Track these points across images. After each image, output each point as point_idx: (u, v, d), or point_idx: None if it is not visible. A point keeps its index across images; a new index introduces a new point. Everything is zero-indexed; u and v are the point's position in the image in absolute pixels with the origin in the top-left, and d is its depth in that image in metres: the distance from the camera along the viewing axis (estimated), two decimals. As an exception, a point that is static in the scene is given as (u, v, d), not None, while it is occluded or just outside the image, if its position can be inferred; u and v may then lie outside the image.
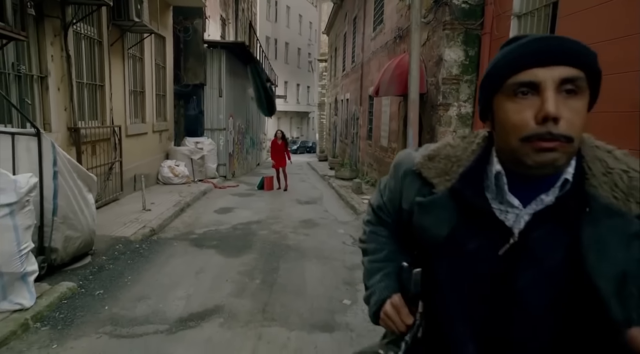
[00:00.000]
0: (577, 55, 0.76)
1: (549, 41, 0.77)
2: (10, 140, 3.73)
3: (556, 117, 0.73)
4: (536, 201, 0.81)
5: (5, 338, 2.85)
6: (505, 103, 0.79)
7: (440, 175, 0.90)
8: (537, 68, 0.75)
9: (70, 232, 4.12)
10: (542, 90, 0.75)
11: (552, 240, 0.80)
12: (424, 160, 0.94)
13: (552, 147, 0.74)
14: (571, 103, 0.75)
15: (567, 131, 0.74)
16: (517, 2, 5.43)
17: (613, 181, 0.80)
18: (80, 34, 6.59)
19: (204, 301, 3.75)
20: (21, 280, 3.26)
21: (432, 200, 0.90)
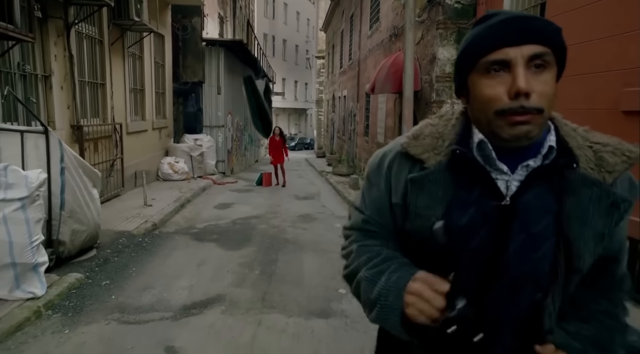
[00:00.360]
0: (543, 33, 0.80)
1: (516, 22, 0.81)
2: (20, 137, 3.90)
3: (527, 92, 0.78)
4: (523, 167, 0.86)
5: (20, 324, 3.04)
6: (479, 80, 0.83)
7: (429, 151, 0.92)
8: (508, 48, 0.79)
9: (77, 226, 4.30)
10: (512, 67, 0.79)
11: (539, 203, 0.85)
12: (409, 140, 0.95)
13: (525, 120, 0.79)
14: (540, 77, 0.80)
15: (539, 103, 0.79)
16: (508, 2, 5.60)
17: (585, 155, 0.87)
18: (82, 34, 6.74)
19: (206, 290, 3.93)
20: (33, 270, 3.43)
21: (425, 175, 0.90)
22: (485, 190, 0.86)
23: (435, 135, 0.93)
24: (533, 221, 0.84)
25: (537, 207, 0.85)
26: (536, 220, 0.84)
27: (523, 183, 0.85)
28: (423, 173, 0.90)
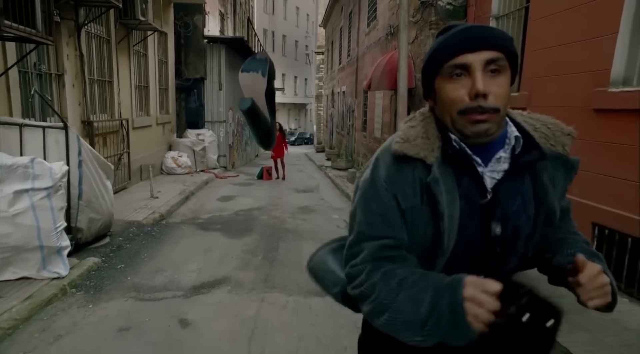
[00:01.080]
0: (497, 41, 0.91)
1: (472, 31, 0.92)
2: (42, 132, 4.24)
3: (485, 93, 0.88)
4: (496, 160, 0.96)
5: (49, 299, 3.39)
6: (444, 83, 0.93)
7: (425, 150, 0.96)
8: (467, 53, 0.89)
9: (93, 214, 4.65)
10: (471, 71, 0.89)
11: (512, 190, 0.97)
12: (400, 144, 0.97)
13: (483, 118, 0.89)
14: (496, 80, 0.90)
15: (495, 103, 0.89)
16: (496, 4, 5.92)
17: (543, 134, 1.00)
18: (91, 34, 7.05)
19: (213, 273, 4.29)
20: (57, 253, 3.79)
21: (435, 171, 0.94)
22: (470, 182, 0.95)
23: (422, 136, 0.98)
24: (509, 205, 0.96)
25: (512, 192, 0.97)
26: (510, 202, 0.96)
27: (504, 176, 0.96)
28: (433, 171, 0.93)
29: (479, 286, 0.81)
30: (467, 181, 0.95)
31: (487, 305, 0.79)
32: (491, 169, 0.96)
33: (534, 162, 0.96)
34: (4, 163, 3.48)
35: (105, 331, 3.07)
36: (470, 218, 0.94)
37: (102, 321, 3.23)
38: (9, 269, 3.56)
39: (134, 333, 3.07)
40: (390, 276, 0.91)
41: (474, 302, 0.80)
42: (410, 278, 0.90)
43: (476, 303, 0.79)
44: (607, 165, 3.82)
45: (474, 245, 0.95)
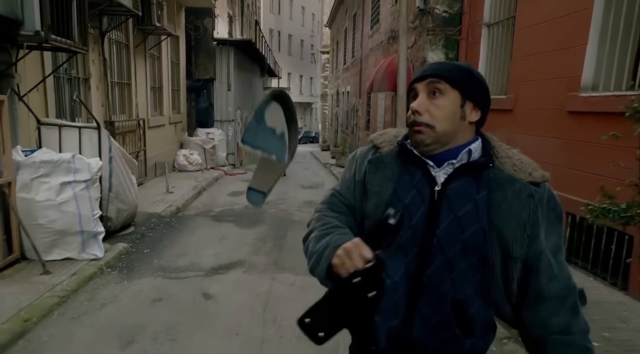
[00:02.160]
0: (439, 71, 1.08)
1: (428, 66, 1.13)
2: (78, 132, 4.79)
3: (416, 111, 1.07)
4: (448, 164, 1.09)
5: (90, 276, 3.94)
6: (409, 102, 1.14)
7: (386, 142, 1.18)
8: (417, 83, 1.11)
9: (121, 205, 5.19)
10: (418, 95, 1.10)
11: (463, 191, 1.06)
12: (376, 135, 1.23)
13: (417, 130, 1.07)
14: (434, 102, 1.06)
15: (428, 120, 1.05)
16: (487, 13, 6.40)
17: (512, 163, 1.09)
18: (112, 40, 7.60)
19: (229, 257, 4.82)
20: (94, 237, 4.34)
21: (379, 157, 1.15)
22: (423, 176, 1.09)
23: (394, 134, 1.21)
24: (458, 205, 1.05)
25: (461, 194, 1.06)
26: (460, 204, 1.05)
27: (451, 175, 1.07)
28: (377, 156, 1.16)
29: (358, 247, 0.98)
30: (419, 175, 1.10)
31: (352, 260, 0.97)
32: (444, 172, 1.09)
33: (478, 166, 1.07)
34: (51, 159, 4.03)
35: (141, 302, 3.61)
36: (418, 207, 1.07)
37: (137, 294, 3.77)
38: (55, 250, 4.11)
39: (165, 303, 3.61)
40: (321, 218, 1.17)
41: (346, 252, 0.98)
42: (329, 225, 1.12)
43: (347, 254, 0.98)
44: (578, 161, 4.30)
45: (417, 232, 1.06)
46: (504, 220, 1.03)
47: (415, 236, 1.06)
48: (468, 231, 1.04)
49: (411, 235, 1.06)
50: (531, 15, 5.19)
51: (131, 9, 6.82)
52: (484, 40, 6.49)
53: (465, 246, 1.04)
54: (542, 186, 1.07)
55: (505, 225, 1.03)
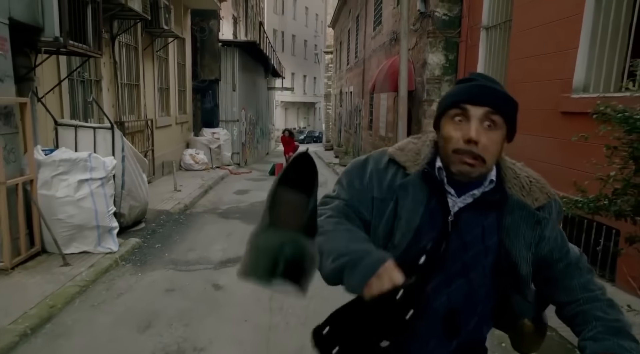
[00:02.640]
0: (499, 101, 1.03)
1: (482, 88, 1.04)
2: (92, 132, 5.02)
3: (476, 141, 0.99)
4: (467, 194, 1.08)
5: (106, 268, 4.17)
6: (447, 123, 1.06)
7: (410, 161, 1.13)
8: (470, 105, 1.02)
9: (132, 202, 5.42)
10: (470, 120, 1.01)
11: (473, 221, 1.08)
12: (395, 150, 1.16)
13: (470, 162, 1.01)
14: (489, 135, 1.01)
15: (482, 153, 1.00)
16: (486, 16, 6.60)
17: (520, 184, 1.09)
18: (122, 43, 7.84)
19: (236, 251, 5.05)
20: (109, 232, 4.57)
21: (409, 180, 1.11)
22: (438, 203, 1.09)
23: (415, 151, 1.15)
24: (466, 232, 1.08)
25: (471, 222, 1.08)
26: (469, 230, 1.08)
27: (466, 206, 1.09)
28: (407, 179, 1.11)
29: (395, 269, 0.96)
30: (435, 201, 1.09)
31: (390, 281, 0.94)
32: (462, 200, 1.09)
33: (494, 201, 1.08)
34: (69, 157, 4.27)
35: (155, 291, 3.85)
36: (427, 233, 1.08)
37: (151, 284, 4.00)
38: (73, 244, 4.34)
39: (178, 293, 3.84)
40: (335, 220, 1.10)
41: (386, 272, 0.95)
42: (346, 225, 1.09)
43: (386, 274, 0.94)
44: (571, 160, 4.49)
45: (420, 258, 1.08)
46: (512, 241, 1.08)
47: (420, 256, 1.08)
48: (471, 252, 1.08)
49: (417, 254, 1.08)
50: (526, 19, 5.39)
51: (141, 13, 7.06)
52: (482, 43, 6.68)
53: (465, 264, 1.08)
54: (549, 205, 1.11)
55: (514, 247, 1.08)
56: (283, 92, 30.83)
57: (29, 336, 2.91)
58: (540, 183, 1.12)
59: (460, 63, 7.36)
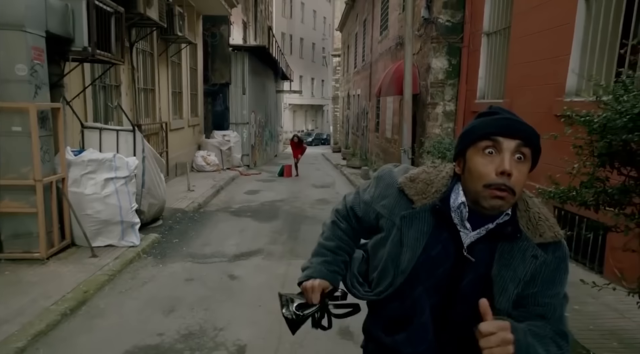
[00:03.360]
0: (528, 134, 1.04)
1: (512, 121, 1.05)
2: (115, 134, 5.39)
3: (510, 173, 1.00)
4: (483, 228, 1.09)
5: (130, 260, 4.52)
6: (476, 156, 1.05)
7: (419, 194, 1.14)
8: (502, 137, 1.02)
9: (152, 200, 5.78)
10: (502, 152, 1.02)
11: (486, 253, 1.09)
12: (406, 180, 1.17)
13: (502, 196, 1.01)
14: (519, 167, 1.02)
15: (514, 185, 1.01)
16: (487, 23, 6.89)
17: (528, 217, 1.10)
18: (139, 49, 8.23)
19: (249, 246, 5.38)
20: (131, 227, 4.92)
21: (414, 213, 1.13)
22: (450, 236, 1.11)
23: (427, 182, 1.15)
24: (480, 265, 1.09)
25: (484, 256, 1.09)
26: (482, 264, 1.09)
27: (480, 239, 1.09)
28: (412, 212, 1.13)
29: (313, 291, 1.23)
30: (446, 235, 1.11)
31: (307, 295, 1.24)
32: (476, 233, 1.10)
33: (506, 235, 1.08)
34: (97, 158, 4.63)
35: (176, 280, 4.19)
36: (442, 262, 1.11)
37: (172, 274, 4.34)
38: (100, 238, 4.70)
39: (197, 282, 4.17)
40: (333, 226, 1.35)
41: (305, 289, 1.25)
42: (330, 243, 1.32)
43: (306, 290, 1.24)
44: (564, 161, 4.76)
45: (439, 287, 1.12)
46: (501, 270, 1.08)
47: (439, 285, 1.12)
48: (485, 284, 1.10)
49: (435, 283, 1.12)
50: (524, 27, 5.68)
51: (158, 21, 7.44)
52: (483, 48, 6.97)
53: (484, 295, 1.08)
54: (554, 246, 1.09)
55: (501, 275, 1.07)
56: (291, 94, 31.24)
57: (68, 315, 3.27)
58: (550, 221, 1.11)
59: (463, 68, 7.65)
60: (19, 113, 3.92)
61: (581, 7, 4.57)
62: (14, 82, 3.83)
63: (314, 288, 1.22)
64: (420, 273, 1.13)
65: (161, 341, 3.02)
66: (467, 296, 1.10)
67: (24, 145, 3.97)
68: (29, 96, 3.91)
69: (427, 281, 1.13)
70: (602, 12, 4.37)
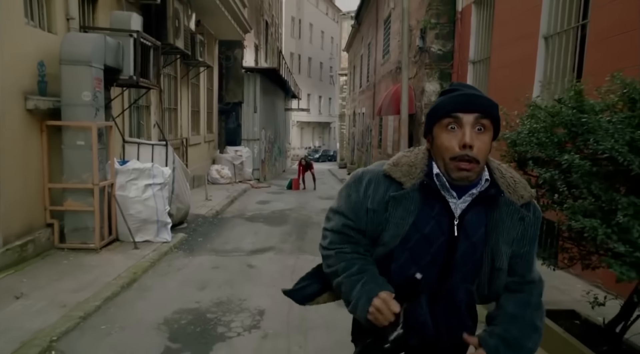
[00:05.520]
0: (484, 106, 1.15)
1: (470, 96, 1.16)
2: (151, 148, 6.35)
3: (471, 145, 1.12)
4: (467, 194, 1.21)
5: (165, 253, 5.42)
6: (441, 133, 1.18)
7: (406, 176, 1.24)
8: (461, 112, 1.14)
9: (179, 205, 6.70)
10: (463, 126, 1.13)
11: (477, 220, 1.22)
12: (390, 166, 1.27)
13: (467, 167, 1.13)
14: (480, 137, 1.14)
15: (477, 155, 1.13)
16: (472, 52, 7.84)
17: (507, 183, 1.23)
18: (165, 73, 9.27)
19: (263, 244, 6.26)
20: (164, 226, 5.84)
21: (403, 194, 1.22)
22: (442, 209, 1.21)
23: (409, 164, 1.26)
24: (473, 232, 1.21)
25: (475, 222, 1.21)
26: (475, 231, 1.21)
27: (468, 206, 1.21)
28: (402, 193, 1.22)
29: (387, 302, 1.17)
30: (439, 208, 1.21)
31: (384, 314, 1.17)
32: (463, 201, 1.20)
33: (491, 196, 1.19)
34: (138, 167, 5.58)
35: (204, 268, 5.07)
36: (437, 237, 1.20)
37: (200, 264, 5.23)
38: (139, 234, 5.61)
39: (221, 269, 5.05)
40: (341, 258, 1.29)
41: (377, 309, 1.18)
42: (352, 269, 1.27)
43: (378, 311, 1.18)
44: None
45: (437, 257, 1.21)
46: (498, 236, 1.19)
47: (434, 261, 1.22)
48: (479, 252, 1.22)
49: (430, 260, 1.22)
50: (500, 57, 6.61)
51: (184, 49, 8.49)
52: (470, 75, 7.91)
53: (475, 263, 1.23)
54: (530, 204, 1.24)
55: (498, 241, 1.19)
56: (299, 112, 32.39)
57: (125, 288, 4.16)
58: (523, 182, 1.25)
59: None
60: (83, 131, 4.88)
61: (541, 45, 5.49)
62: (80, 105, 4.81)
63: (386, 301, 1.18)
64: (415, 253, 1.23)
65: (199, 306, 3.89)
66: (460, 267, 1.22)
67: (85, 156, 4.91)
68: (91, 117, 4.88)
69: (423, 259, 1.22)
70: (556, 47, 5.28)
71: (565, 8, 5.11)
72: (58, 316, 3.33)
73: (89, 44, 4.77)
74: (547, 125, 2.73)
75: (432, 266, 1.22)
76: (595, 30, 4.48)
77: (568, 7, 5.07)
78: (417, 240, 1.21)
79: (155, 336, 3.30)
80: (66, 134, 4.90)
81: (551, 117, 2.72)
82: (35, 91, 4.67)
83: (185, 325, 3.50)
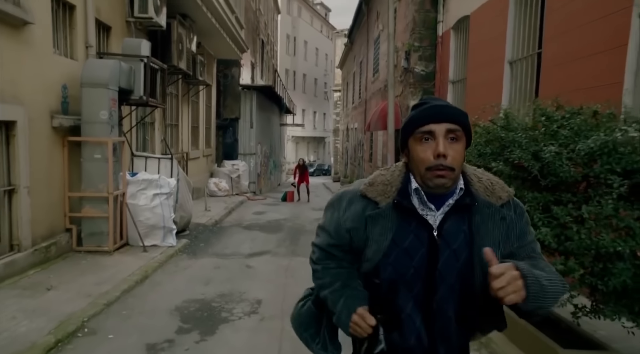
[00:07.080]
0: (455, 116, 1.19)
1: (440, 108, 1.20)
2: (157, 161, 6.96)
3: (444, 155, 1.16)
4: (445, 205, 1.24)
5: (171, 255, 5.99)
6: (415, 145, 1.21)
7: (381, 195, 1.27)
8: (433, 124, 1.18)
9: (182, 213, 7.28)
10: (436, 137, 1.17)
11: (455, 228, 1.23)
12: (366, 187, 1.30)
13: (442, 174, 1.17)
14: (453, 146, 1.18)
15: (451, 164, 1.17)
16: (452, 73, 8.55)
17: (484, 186, 1.26)
18: (167, 92, 9.92)
19: (260, 249, 6.84)
20: (170, 232, 6.41)
21: (379, 212, 1.25)
22: (419, 223, 1.24)
23: (385, 182, 1.29)
24: (452, 240, 1.23)
25: (454, 230, 1.24)
26: (454, 239, 1.23)
27: (445, 216, 1.24)
28: (377, 211, 1.26)
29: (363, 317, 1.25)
30: (415, 223, 1.25)
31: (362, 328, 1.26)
32: (442, 213, 1.24)
33: (466, 205, 1.23)
34: (147, 178, 6.18)
35: (207, 268, 5.64)
36: (417, 250, 1.23)
37: (203, 265, 5.80)
38: (147, 239, 6.18)
39: (223, 269, 5.63)
40: (327, 273, 1.38)
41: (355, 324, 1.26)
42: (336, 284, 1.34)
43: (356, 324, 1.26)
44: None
45: (418, 275, 1.23)
46: (482, 239, 1.22)
47: (418, 273, 1.23)
48: (461, 259, 1.23)
49: (414, 272, 1.23)
50: (473, 78, 7.31)
51: (186, 70, 9.16)
52: (450, 94, 8.61)
53: (459, 272, 1.23)
54: (510, 203, 1.27)
55: (484, 244, 1.19)
56: (294, 128, 33.08)
57: (139, 283, 4.74)
58: (500, 184, 1.29)
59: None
60: (99, 145, 5.49)
61: (507, 69, 6.19)
62: (98, 123, 5.43)
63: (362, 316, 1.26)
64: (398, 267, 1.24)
65: (205, 297, 4.47)
66: (445, 277, 1.23)
67: (102, 168, 5.51)
68: (107, 133, 5.50)
69: (406, 272, 1.23)
70: (519, 71, 5.98)
71: (525, 37, 5.83)
72: (85, 303, 3.90)
73: (107, 69, 5.41)
74: (487, 139, 3.35)
75: (417, 279, 1.24)
76: (547, 58, 5.18)
77: (527, 36, 5.79)
78: (397, 253, 1.24)
79: (169, 319, 3.88)
80: (85, 148, 5.51)
81: (487, 133, 3.35)
82: (59, 111, 5.30)
83: (194, 311, 4.08)
